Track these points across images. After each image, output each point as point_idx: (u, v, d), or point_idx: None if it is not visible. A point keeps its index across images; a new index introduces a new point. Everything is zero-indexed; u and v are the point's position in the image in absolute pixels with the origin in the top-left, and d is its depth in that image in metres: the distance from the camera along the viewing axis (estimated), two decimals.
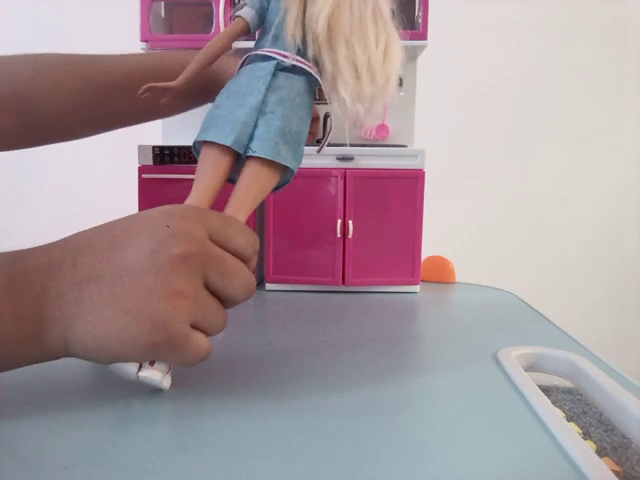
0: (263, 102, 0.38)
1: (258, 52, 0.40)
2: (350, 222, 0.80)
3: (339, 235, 0.80)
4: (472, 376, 0.44)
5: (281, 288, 0.81)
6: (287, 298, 0.77)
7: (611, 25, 1.61)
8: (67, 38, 1.85)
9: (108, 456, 0.29)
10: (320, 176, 0.80)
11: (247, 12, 0.40)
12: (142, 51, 0.85)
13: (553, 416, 0.35)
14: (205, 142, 0.39)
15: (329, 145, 0.99)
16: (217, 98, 0.40)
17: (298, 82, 0.40)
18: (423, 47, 0.92)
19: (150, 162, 0.83)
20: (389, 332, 0.59)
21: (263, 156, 0.38)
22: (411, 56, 0.99)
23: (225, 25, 0.82)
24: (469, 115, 1.69)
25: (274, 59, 0.39)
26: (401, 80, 1.03)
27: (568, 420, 0.38)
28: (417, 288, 0.82)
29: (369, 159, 0.80)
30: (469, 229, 1.72)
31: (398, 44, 0.40)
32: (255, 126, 0.38)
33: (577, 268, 1.73)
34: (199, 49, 0.41)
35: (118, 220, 0.33)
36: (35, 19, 1.77)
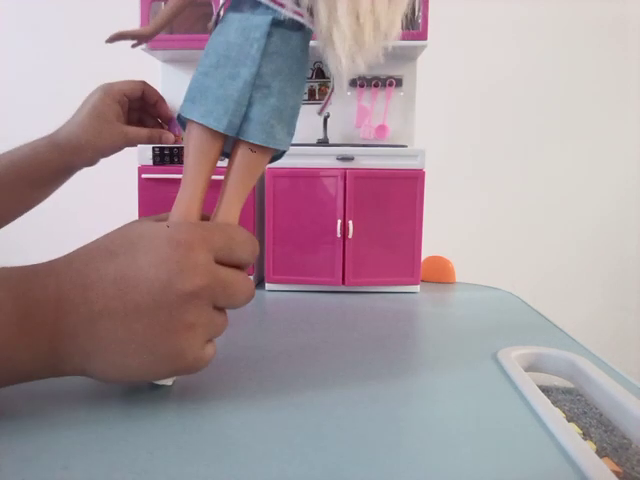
0: (258, 74, 0.35)
1: None
2: (350, 222, 0.80)
3: (339, 235, 0.80)
4: (472, 376, 0.44)
5: (281, 288, 0.81)
6: (287, 298, 0.77)
7: (611, 25, 1.62)
8: (67, 38, 1.85)
9: (108, 456, 0.29)
10: (320, 176, 0.80)
11: None
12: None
13: (553, 416, 0.35)
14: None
15: (330, 145, 1.00)
16: (203, 57, 0.36)
17: (294, 42, 0.36)
18: (423, 47, 0.92)
19: (150, 162, 0.83)
20: (389, 332, 0.59)
21: (258, 143, 0.36)
22: (411, 56, 0.99)
23: None
24: (469, 115, 1.69)
25: (268, 9, 0.34)
26: (401, 80, 1.04)
27: (568, 420, 0.38)
28: (417, 288, 0.82)
29: (369, 159, 0.80)
30: (469, 229, 1.72)
31: None
32: (249, 104, 0.35)
33: (577, 268, 1.73)
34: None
35: (120, 245, 0.32)
36: (35, 19, 1.77)
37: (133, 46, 0.49)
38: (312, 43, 0.38)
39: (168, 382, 0.37)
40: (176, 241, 0.31)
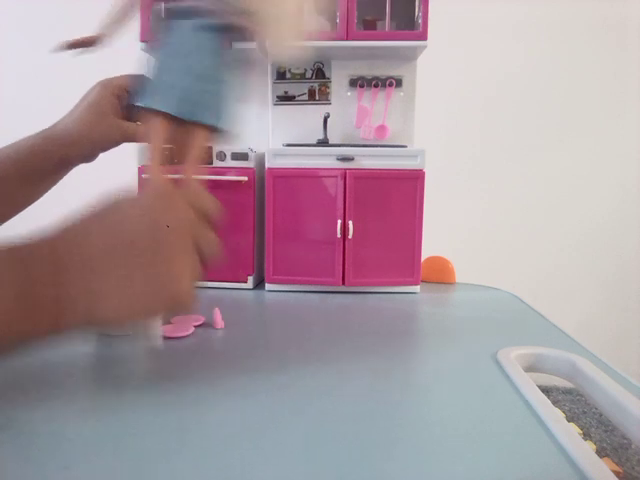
0: (199, 65, 0.42)
1: (184, 6, 0.42)
2: (350, 222, 0.80)
3: (339, 235, 0.80)
4: (472, 376, 0.44)
5: (281, 288, 0.81)
6: (287, 298, 0.77)
7: (611, 25, 1.62)
8: (67, 38, 1.85)
9: (108, 456, 0.29)
10: (320, 176, 0.80)
11: None
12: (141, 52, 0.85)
13: (553, 416, 0.35)
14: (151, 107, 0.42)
15: (330, 145, 1.00)
16: (157, 57, 0.43)
17: (231, 41, 0.44)
18: (423, 47, 0.92)
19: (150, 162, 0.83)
20: (389, 332, 0.59)
21: (208, 122, 0.43)
22: (411, 56, 1.00)
23: None
24: (469, 115, 1.69)
25: (210, 17, 0.42)
26: (401, 80, 1.04)
27: (568, 420, 0.38)
28: (417, 288, 0.82)
29: (369, 159, 0.80)
30: (469, 229, 1.72)
31: None
32: (197, 92, 0.42)
33: (577, 268, 1.73)
34: None
35: (105, 209, 0.35)
36: (35, 19, 1.77)
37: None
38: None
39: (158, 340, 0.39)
40: (157, 191, 0.37)
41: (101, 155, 0.56)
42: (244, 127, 1.08)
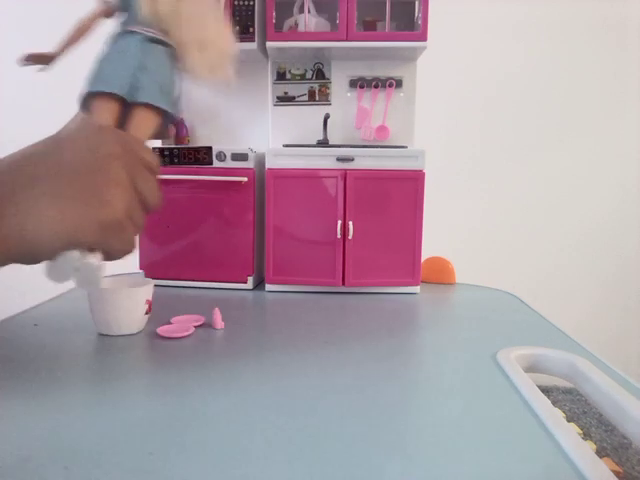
0: (140, 61, 0.50)
1: (127, 28, 0.53)
2: (350, 223, 0.80)
3: (339, 236, 0.80)
4: (472, 376, 0.44)
5: (281, 289, 0.81)
6: (287, 299, 0.77)
7: (611, 25, 1.62)
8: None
9: (108, 456, 0.29)
10: (320, 177, 0.80)
11: None
12: None
13: (553, 416, 0.35)
14: (95, 94, 0.49)
15: (330, 146, 1.00)
16: (98, 61, 0.51)
17: (162, 49, 0.52)
18: (423, 48, 0.92)
19: None
20: (389, 332, 0.59)
21: (149, 102, 0.49)
22: (411, 57, 1.00)
23: None
24: (469, 115, 1.69)
25: (140, 34, 0.52)
26: (401, 81, 1.04)
27: (568, 420, 0.38)
28: (417, 289, 0.82)
29: (369, 160, 0.80)
30: (469, 229, 1.72)
31: (230, 32, 0.56)
32: (137, 79, 0.49)
33: (577, 268, 1.73)
34: None
35: (57, 136, 0.37)
36: (35, 19, 1.77)
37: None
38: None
39: (97, 277, 0.37)
40: (105, 127, 0.41)
41: None
42: (243, 128, 1.08)
